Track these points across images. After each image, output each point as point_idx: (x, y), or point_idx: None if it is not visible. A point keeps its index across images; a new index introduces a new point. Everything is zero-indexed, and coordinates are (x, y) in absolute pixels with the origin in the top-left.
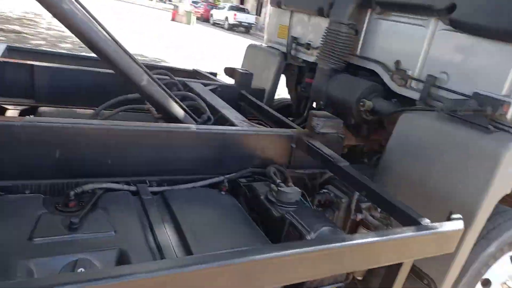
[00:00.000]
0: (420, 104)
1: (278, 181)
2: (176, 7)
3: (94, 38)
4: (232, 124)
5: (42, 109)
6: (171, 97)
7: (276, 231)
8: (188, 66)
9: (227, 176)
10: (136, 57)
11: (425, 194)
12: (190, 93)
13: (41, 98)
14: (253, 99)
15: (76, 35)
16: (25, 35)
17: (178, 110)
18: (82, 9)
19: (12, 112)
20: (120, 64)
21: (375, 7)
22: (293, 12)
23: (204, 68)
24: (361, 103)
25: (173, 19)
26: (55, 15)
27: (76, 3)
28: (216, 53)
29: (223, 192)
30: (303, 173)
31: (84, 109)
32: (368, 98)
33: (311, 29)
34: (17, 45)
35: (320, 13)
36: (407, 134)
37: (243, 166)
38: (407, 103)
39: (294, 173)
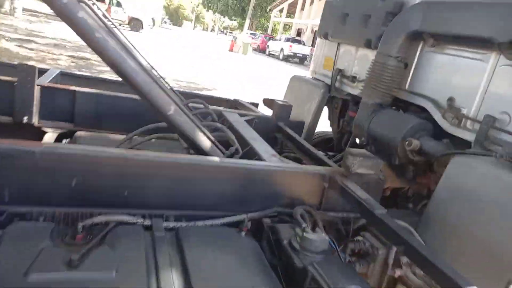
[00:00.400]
0: (475, 147)
1: (304, 225)
2: (234, 38)
3: (122, 66)
4: (260, 159)
5: (78, 133)
6: (198, 127)
7: (297, 284)
8: (232, 90)
9: (250, 214)
10: (186, 81)
11: (478, 254)
12: (219, 124)
13: (80, 123)
14: (290, 131)
15: (106, 63)
16: (92, 61)
17: (205, 141)
18: (115, 38)
19: (50, 135)
20: (147, 92)
21: (427, 39)
22: (339, 44)
23: (247, 95)
24: (407, 142)
25: (230, 50)
26: (87, 43)
27: (112, 33)
28: (265, 80)
29: (243, 233)
30: (335, 216)
31: (120, 134)
32: (415, 136)
33: (358, 61)
34: (83, 71)
35: (368, 45)
36: (459, 180)
37: (268, 204)
38: (460, 145)
39: (326, 216)
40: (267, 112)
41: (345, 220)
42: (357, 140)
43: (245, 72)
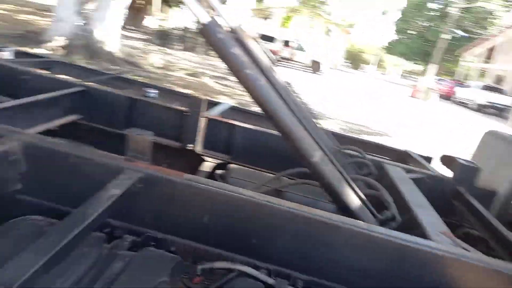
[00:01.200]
0: None
1: None
2: (417, 83)
3: (269, 105)
4: (424, 235)
5: (231, 166)
6: (347, 181)
7: None
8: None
9: None
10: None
11: None
12: (372, 180)
13: (236, 156)
14: (474, 201)
15: (254, 100)
16: None
17: (352, 199)
18: (271, 75)
19: (208, 164)
20: (289, 132)
21: None
22: None
23: (422, 146)
24: None
25: (412, 96)
26: (237, 77)
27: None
28: (446, 131)
29: None
30: None
31: (271, 173)
32: None
33: None
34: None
35: None
36: None
37: None
38: None
39: None
40: (444, 172)
41: None
42: None
43: (425, 120)
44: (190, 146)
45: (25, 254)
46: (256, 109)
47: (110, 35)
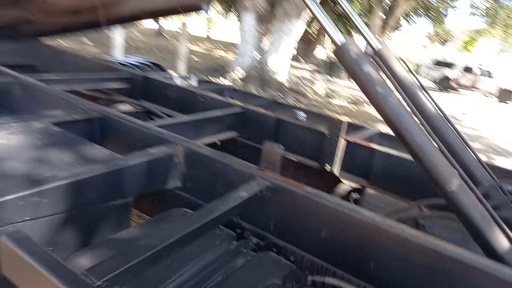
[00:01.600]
0: None
1: None
2: None
3: (400, 125)
4: None
5: (367, 190)
6: (495, 220)
7: None
8: None
9: None
10: None
11: None
12: None
13: (374, 181)
14: None
15: (384, 119)
16: None
17: (499, 242)
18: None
19: (343, 187)
20: (424, 158)
21: None
22: None
23: None
24: None
25: None
26: (367, 96)
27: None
28: None
29: None
30: None
31: (409, 201)
32: None
33: None
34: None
35: None
36: None
37: None
38: None
39: None
40: None
41: None
42: None
43: None
44: (328, 168)
45: (159, 231)
46: None
47: (281, 66)
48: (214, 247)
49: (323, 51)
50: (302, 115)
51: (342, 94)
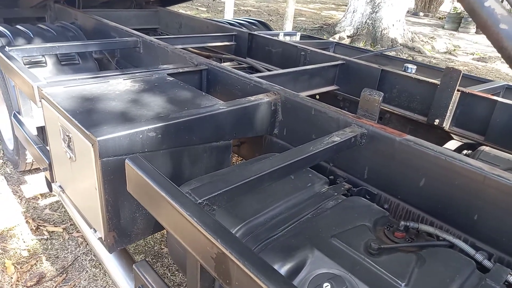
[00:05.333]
0: None
1: None
2: None
3: None
4: None
5: (482, 148)
6: None
7: None
8: None
9: None
10: None
11: None
12: None
13: (492, 137)
14: None
15: (507, 62)
16: None
17: None
18: None
19: (453, 143)
20: None
21: None
22: None
23: None
24: None
25: None
26: (487, 36)
27: None
28: None
29: None
30: None
31: None
32: None
33: None
34: None
35: None
36: None
37: None
38: None
39: None
40: None
41: None
42: None
43: None
44: (437, 122)
45: (253, 166)
46: None
47: (395, 22)
48: (306, 188)
49: (449, 5)
50: (411, 67)
51: (467, 50)
